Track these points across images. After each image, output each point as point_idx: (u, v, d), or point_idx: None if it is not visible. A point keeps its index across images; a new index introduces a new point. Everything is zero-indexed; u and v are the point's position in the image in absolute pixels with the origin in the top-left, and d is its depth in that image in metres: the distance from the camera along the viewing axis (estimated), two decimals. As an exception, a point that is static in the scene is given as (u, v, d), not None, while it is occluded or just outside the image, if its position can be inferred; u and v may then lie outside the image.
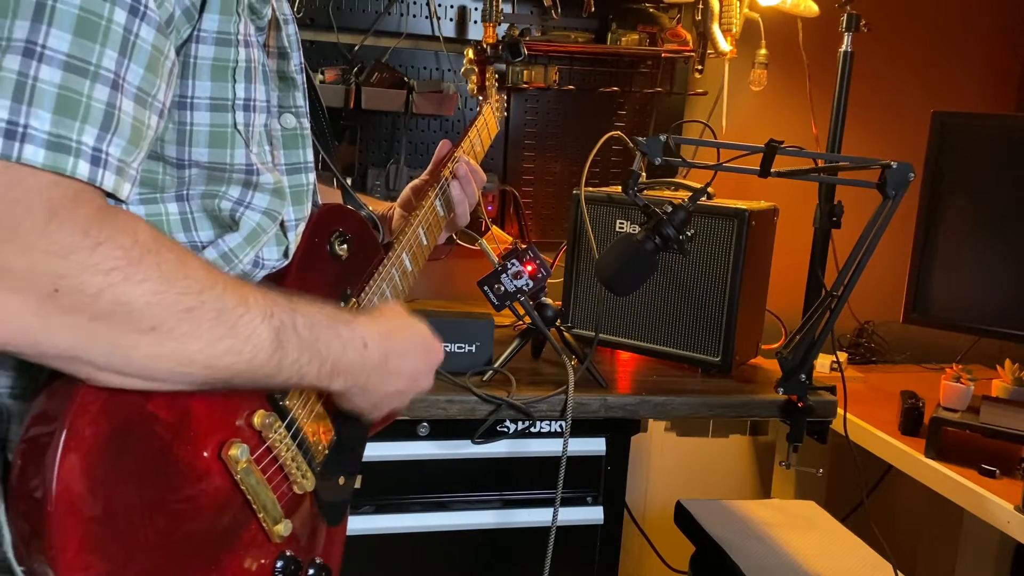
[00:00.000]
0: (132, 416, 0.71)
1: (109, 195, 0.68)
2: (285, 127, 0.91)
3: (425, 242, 1.25)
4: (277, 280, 0.90)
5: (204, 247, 0.82)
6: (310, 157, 0.94)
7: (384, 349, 0.90)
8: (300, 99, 0.93)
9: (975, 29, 2.57)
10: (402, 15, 2.20)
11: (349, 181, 1.28)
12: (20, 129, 0.62)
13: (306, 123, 0.94)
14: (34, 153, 0.62)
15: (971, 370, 1.92)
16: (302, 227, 0.92)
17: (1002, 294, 1.99)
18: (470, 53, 1.76)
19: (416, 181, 1.42)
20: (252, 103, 0.83)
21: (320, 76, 2.07)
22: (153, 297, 0.67)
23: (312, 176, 0.94)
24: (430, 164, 1.43)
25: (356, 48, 2.19)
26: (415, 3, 2.20)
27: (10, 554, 0.68)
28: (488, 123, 1.59)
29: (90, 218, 0.65)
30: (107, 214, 0.66)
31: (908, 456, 1.85)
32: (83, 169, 0.65)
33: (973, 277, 2.02)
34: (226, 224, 0.83)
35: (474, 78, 1.76)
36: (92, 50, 0.65)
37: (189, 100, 0.79)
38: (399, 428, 1.54)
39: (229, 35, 0.79)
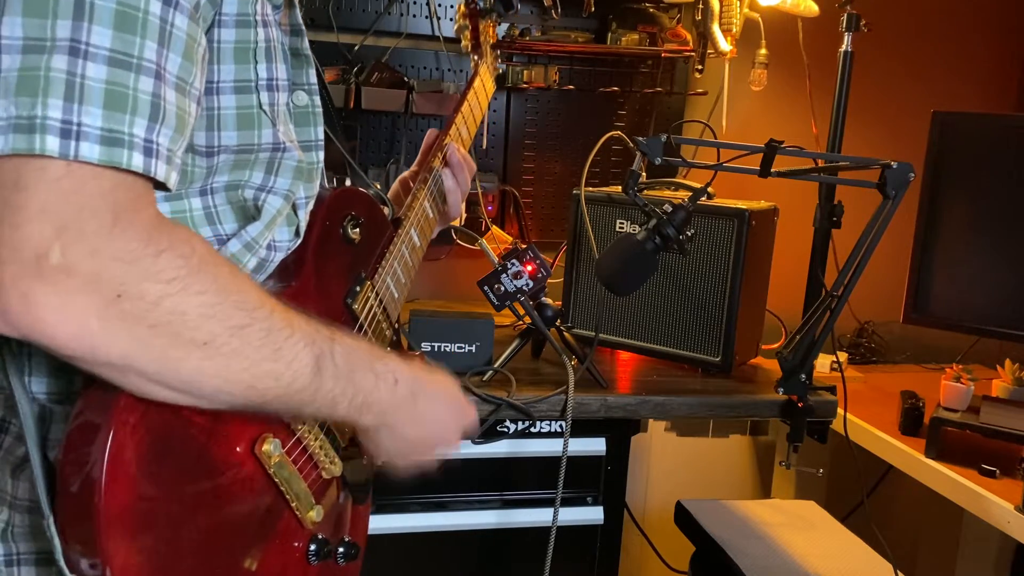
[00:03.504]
0: (169, 423, 0.72)
1: (158, 185, 0.69)
2: (297, 104, 0.91)
3: (431, 215, 1.25)
4: (294, 269, 0.90)
5: (228, 239, 0.82)
6: (321, 135, 0.94)
7: (413, 389, 0.90)
8: (312, 76, 0.93)
9: (975, 29, 2.57)
10: (402, 15, 2.20)
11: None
12: (74, 127, 0.63)
13: (318, 100, 0.94)
14: (90, 149, 0.63)
15: (971, 370, 1.91)
16: (311, 205, 0.92)
17: (1002, 294, 1.99)
18: (461, 8, 1.65)
19: (405, 174, 1.38)
20: (274, 82, 0.84)
21: (320, 76, 2.06)
22: (209, 309, 0.68)
23: (322, 154, 0.94)
24: (419, 155, 1.37)
25: (356, 48, 2.18)
26: (415, 3, 2.20)
27: (61, 562, 0.69)
28: (484, 83, 1.53)
29: (151, 225, 0.66)
30: (165, 223, 0.67)
31: (908, 456, 1.85)
32: (137, 160, 0.66)
33: (973, 277, 2.02)
34: (250, 215, 0.83)
35: (467, 34, 1.63)
36: (133, 43, 0.66)
37: (215, 85, 0.79)
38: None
39: (248, 16, 0.79)
